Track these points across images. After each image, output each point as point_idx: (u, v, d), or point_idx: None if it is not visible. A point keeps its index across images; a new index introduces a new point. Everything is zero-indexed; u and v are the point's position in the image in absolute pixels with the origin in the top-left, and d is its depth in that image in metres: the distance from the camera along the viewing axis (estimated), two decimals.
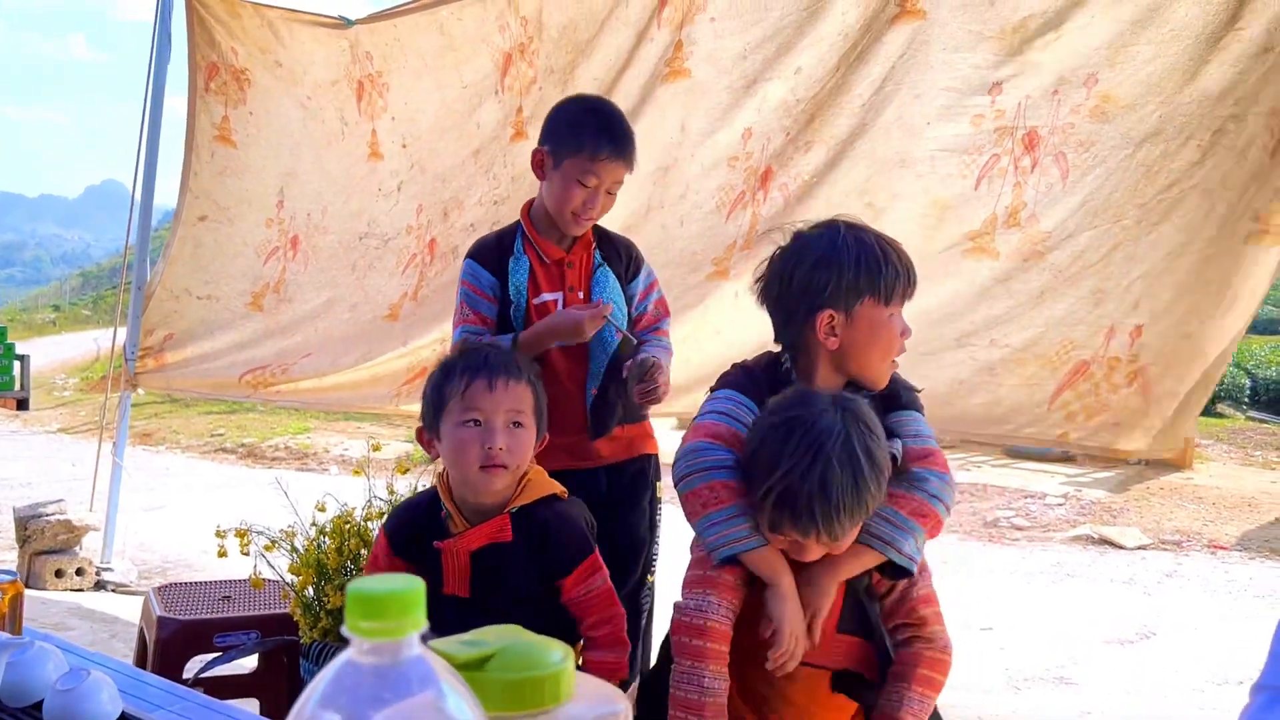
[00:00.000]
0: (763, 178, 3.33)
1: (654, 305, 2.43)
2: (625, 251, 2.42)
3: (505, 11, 3.66)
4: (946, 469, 1.70)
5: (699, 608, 1.63)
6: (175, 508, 7.12)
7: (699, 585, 1.66)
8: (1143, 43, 2.79)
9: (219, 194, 4.44)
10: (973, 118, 3.04)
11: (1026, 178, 2.99)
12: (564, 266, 2.32)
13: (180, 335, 4.57)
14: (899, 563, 1.63)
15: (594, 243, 2.37)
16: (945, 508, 1.68)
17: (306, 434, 10.98)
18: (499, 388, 1.69)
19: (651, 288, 2.44)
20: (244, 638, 2.65)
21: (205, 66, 4.35)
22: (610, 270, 2.34)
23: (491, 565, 1.75)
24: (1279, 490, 8.12)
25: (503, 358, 1.75)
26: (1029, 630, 4.75)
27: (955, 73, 3.02)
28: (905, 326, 1.77)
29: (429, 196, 4.03)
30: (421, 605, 0.59)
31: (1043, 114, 2.95)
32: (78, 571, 4.73)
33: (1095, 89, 2.88)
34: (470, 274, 2.34)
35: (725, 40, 3.28)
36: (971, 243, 3.09)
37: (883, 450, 1.58)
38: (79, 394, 14.93)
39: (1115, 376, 2.98)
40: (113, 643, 3.81)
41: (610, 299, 2.28)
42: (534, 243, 2.32)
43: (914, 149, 3.12)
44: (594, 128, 2.25)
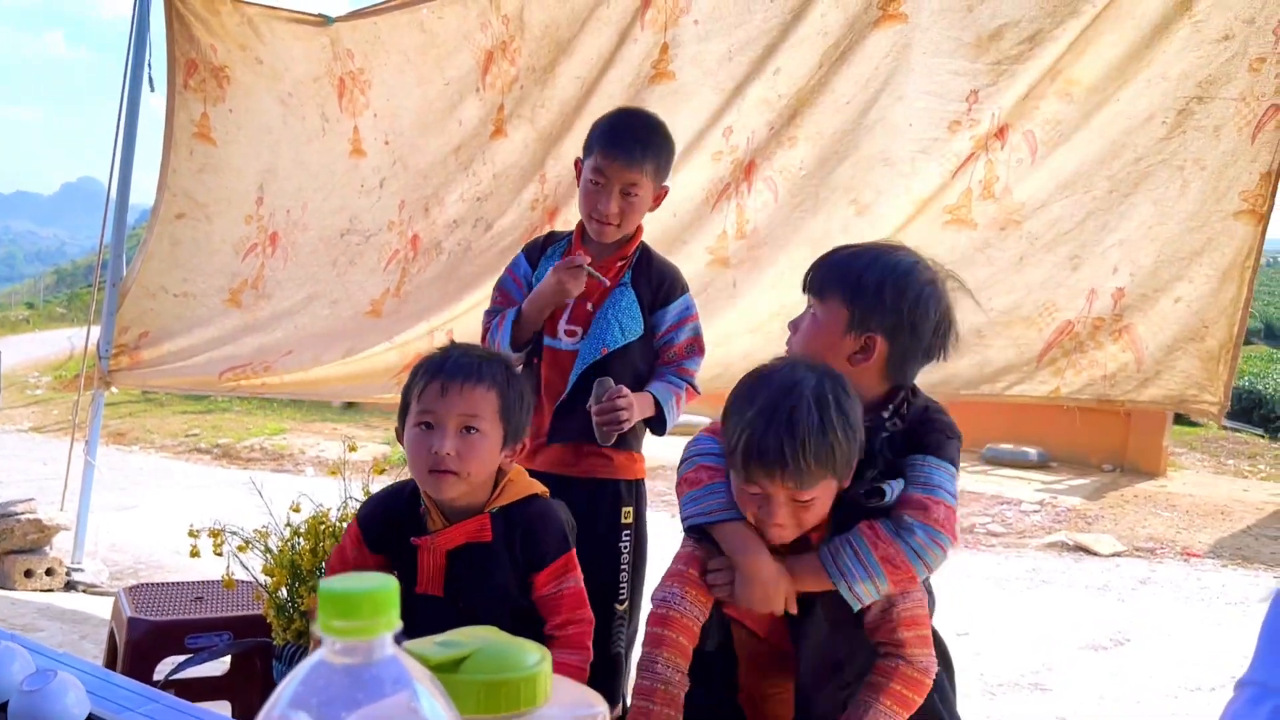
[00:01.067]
0: (746, 170, 3.37)
1: (685, 340, 2.36)
2: (660, 278, 2.38)
3: (486, 10, 3.66)
4: (944, 528, 1.61)
5: (665, 599, 1.65)
6: (148, 508, 7.04)
7: (672, 578, 1.67)
8: (1105, 32, 2.95)
9: (197, 191, 4.40)
10: (950, 124, 3.13)
11: (997, 155, 3.15)
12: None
13: (156, 332, 4.52)
14: (845, 598, 1.60)
15: (629, 261, 2.36)
16: (923, 565, 1.60)
17: (282, 435, 10.90)
18: (451, 392, 1.65)
19: (685, 321, 2.37)
20: (216, 639, 2.61)
21: (184, 63, 4.31)
22: (632, 291, 2.33)
23: (469, 566, 1.72)
24: (1251, 498, 8.21)
25: (465, 360, 1.69)
26: (1004, 636, 4.77)
27: (936, 77, 3.10)
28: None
29: (411, 193, 4.02)
30: (395, 605, 0.58)
31: (1014, 114, 3.12)
32: (48, 572, 4.67)
33: (1060, 77, 3.05)
34: (514, 262, 2.47)
35: (709, 43, 3.30)
36: (949, 215, 3.23)
37: (856, 410, 1.56)
38: (52, 392, 14.76)
39: (1100, 335, 3.18)
40: (83, 644, 3.76)
41: (617, 320, 2.29)
42: (571, 247, 2.38)
43: (897, 149, 3.21)
44: (605, 129, 2.32)
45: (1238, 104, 2.85)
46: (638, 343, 2.32)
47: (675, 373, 2.34)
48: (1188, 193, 2.99)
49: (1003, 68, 3.02)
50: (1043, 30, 2.96)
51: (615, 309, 2.31)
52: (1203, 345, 3.08)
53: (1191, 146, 2.95)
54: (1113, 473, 9.17)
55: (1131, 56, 2.94)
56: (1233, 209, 2.95)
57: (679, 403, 2.33)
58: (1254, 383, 12.95)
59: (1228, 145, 2.91)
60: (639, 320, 2.31)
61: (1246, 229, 2.95)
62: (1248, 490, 8.60)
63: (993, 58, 3.02)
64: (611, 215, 2.28)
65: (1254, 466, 9.67)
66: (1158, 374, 3.13)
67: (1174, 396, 3.16)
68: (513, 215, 3.78)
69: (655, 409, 2.29)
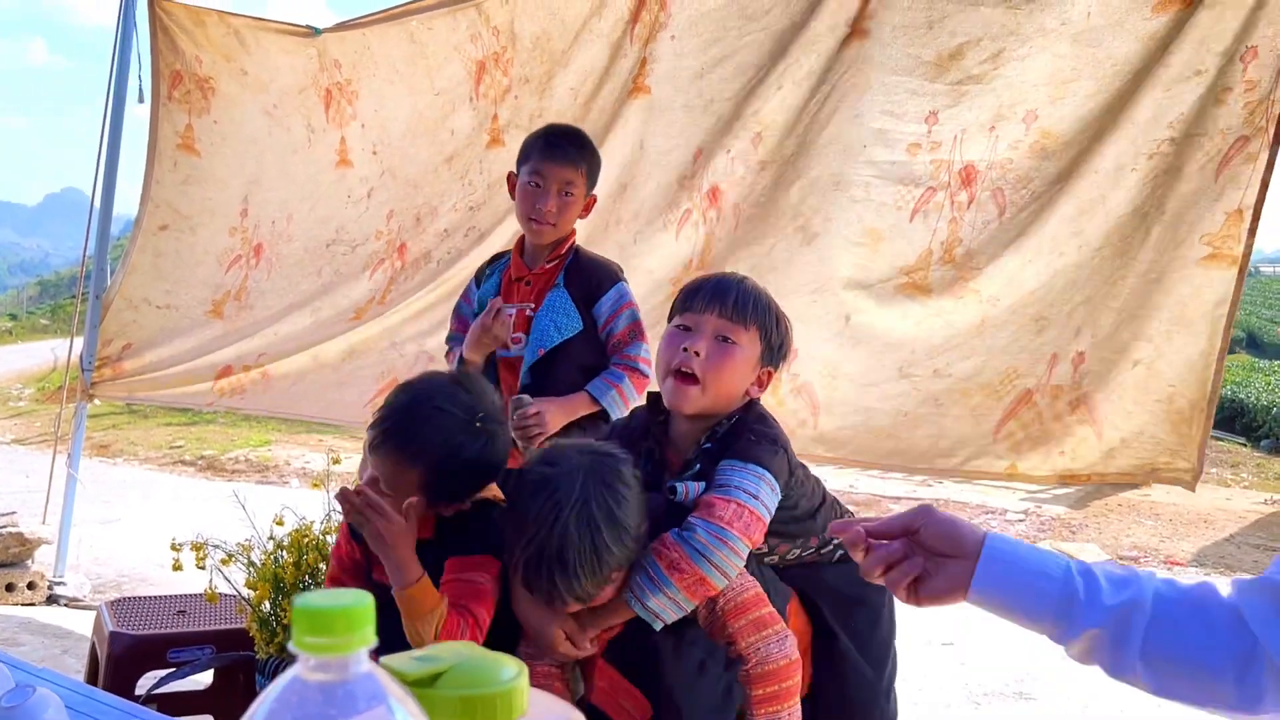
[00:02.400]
0: (710, 196, 3.33)
1: (625, 328, 2.48)
2: (591, 272, 2.51)
3: (476, 21, 3.67)
4: (729, 525, 1.59)
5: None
6: (131, 521, 7.00)
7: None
8: (1084, 78, 2.81)
9: (181, 203, 4.39)
10: (909, 145, 3.03)
11: (963, 214, 2.99)
12: (521, 284, 2.51)
13: (139, 344, 4.51)
14: (643, 617, 1.59)
15: (560, 262, 2.50)
16: (710, 565, 1.57)
17: (267, 446, 10.85)
18: (369, 452, 1.67)
19: (622, 309, 2.49)
20: (198, 653, 2.60)
21: (169, 75, 4.31)
22: (566, 291, 2.47)
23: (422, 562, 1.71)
24: (1233, 507, 8.26)
25: (380, 425, 1.66)
26: (988, 646, 4.77)
27: (894, 96, 3.02)
28: (698, 339, 1.71)
29: (400, 202, 4.02)
30: (370, 621, 0.58)
31: (980, 148, 2.94)
32: (29, 585, 4.63)
33: (1035, 125, 2.88)
34: (466, 289, 2.69)
35: (685, 59, 3.30)
36: (906, 278, 3.09)
37: (630, 509, 1.52)
38: (34, 404, 14.66)
39: (1058, 404, 2.98)
40: (64, 658, 3.74)
41: (552, 321, 2.43)
42: (510, 261, 2.56)
43: (850, 172, 3.10)
44: (538, 137, 2.52)
45: (1204, 140, 2.68)
46: (578, 338, 2.44)
47: (618, 361, 2.47)
48: (1147, 242, 2.80)
49: (964, 88, 2.92)
50: (1006, 49, 2.85)
51: (550, 311, 2.45)
52: (1171, 407, 2.84)
53: (1158, 192, 2.76)
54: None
55: (1109, 106, 2.79)
56: (1196, 256, 2.73)
57: (621, 392, 2.44)
58: (1236, 392, 13.03)
59: (1189, 186, 2.72)
60: (575, 317, 2.45)
61: (1215, 275, 2.72)
62: (1230, 499, 8.65)
63: (953, 77, 2.92)
64: (550, 214, 2.44)
65: (1236, 475, 9.73)
66: (1123, 443, 2.91)
67: (1144, 466, 2.91)
68: (506, 224, 3.78)
69: (592, 403, 2.41)
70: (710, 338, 1.71)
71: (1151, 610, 1.05)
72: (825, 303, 3.10)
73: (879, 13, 2.99)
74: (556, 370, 2.44)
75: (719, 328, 1.72)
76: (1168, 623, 1.04)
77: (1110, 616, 1.04)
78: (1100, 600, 1.05)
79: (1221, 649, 1.02)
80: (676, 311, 1.79)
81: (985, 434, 3.03)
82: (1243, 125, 2.65)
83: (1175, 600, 1.05)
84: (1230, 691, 1.02)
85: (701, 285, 1.77)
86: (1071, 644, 1.08)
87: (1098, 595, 1.05)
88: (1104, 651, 1.06)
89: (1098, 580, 1.06)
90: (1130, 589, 1.06)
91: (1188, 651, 1.03)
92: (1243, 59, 2.63)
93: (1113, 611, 1.04)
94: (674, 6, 3.29)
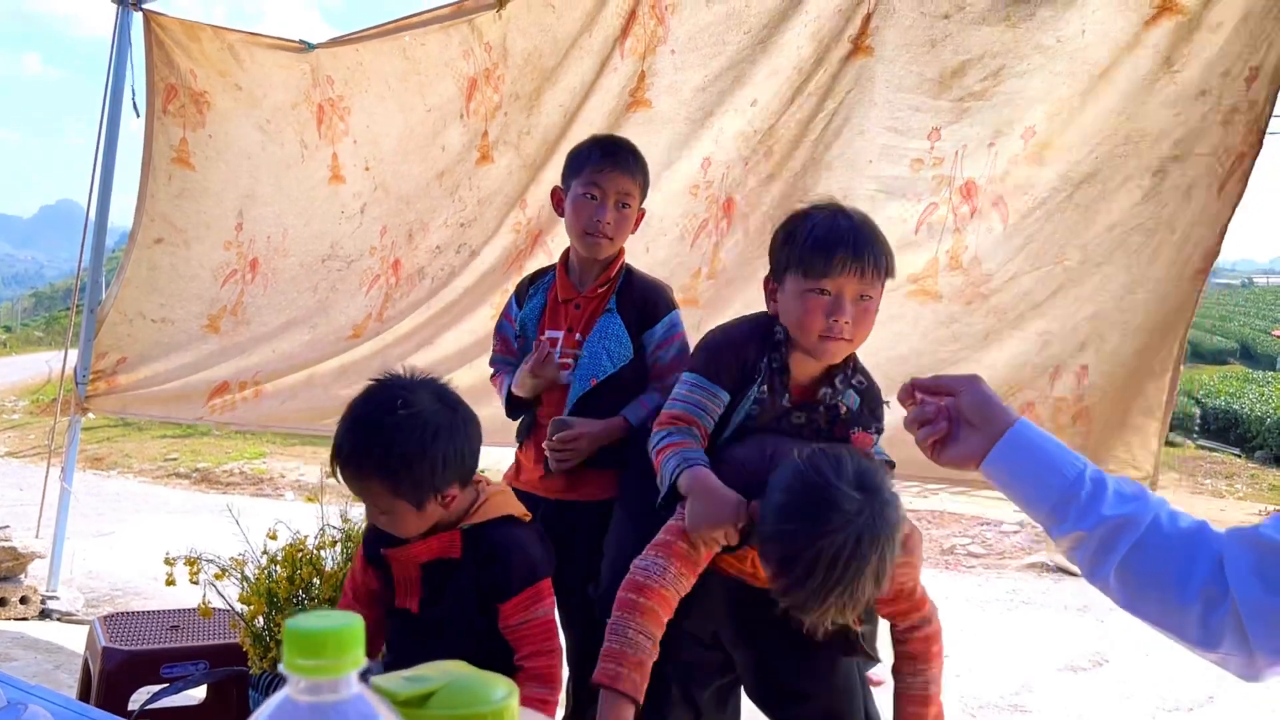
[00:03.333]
0: (725, 207, 3.35)
1: (672, 359, 2.37)
2: (644, 298, 2.40)
3: (469, 37, 3.68)
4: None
5: (646, 567, 1.72)
6: (125, 534, 6.98)
7: (656, 548, 1.74)
8: (1079, 92, 2.83)
9: (176, 217, 4.40)
10: (911, 161, 3.04)
11: (966, 224, 3.00)
12: (570, 306, 2.39)
13: (134, 358, 4.50)
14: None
15: (613, 285, 2.39)
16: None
17: (262, 459, 10.83)
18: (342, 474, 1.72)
19: (672, 340, 2.39)
20: (192, 668, 2.60)
21: (164, 89, 4.32)
22: (618, 315, 2.36)
23: (439, 581, 1.74)
24: (1228, 518, 8.27)
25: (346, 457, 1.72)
26: (984, 657, 4.78)
27: (897, 113, 3.04)
28: (845, 308, 1.77)
29: (393, 218, 4.02)
30: (361, 643, 0.58)
31: (980, 165, 2.96)
32: (22, 600, 4.61)
33: (1033, 140, 2.90)
34: (507, 306, 2.56)
35: (685, 73, 3.31)
36: (914, 285, 3.08)
37: (893, 554, 1.55)
38: (28, 416, 14.63)
39: (1060, 418, 3.00)
40: (57, 674, 3.72)
41: (604, 345, 2.33)
42: (557, 281, 2.43)
43: (857, 186, 3.11)
44: (592, 148, 2.39)
45: (1209, 159, 2.71)
46: (628, 366, 2.34)
47: (656, 388, 2.37)
48: (1157, 260, 2.82)
49: (965, 105, 2.95)
50: (1006, 66, 2.88)
51: (602, 337, 2.33)
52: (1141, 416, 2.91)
53: (1165, 210, 2.79)
54: None
55: (1107, 115, 2.81)
56: (1191, 271, 2.79)
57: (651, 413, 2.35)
58: (1230, 403, 13.07)
59: (1198, 204, 2.75)
60: (627, 345, 2.34)
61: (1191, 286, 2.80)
62: (1224, 510, 8.68)
63: (955, 94, 2.95)
64: (608, 226, 2.32)
65: (1231, 486, 9.76)
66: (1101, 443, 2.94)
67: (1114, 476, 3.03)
68: (497, 241, 3.77)
69: (628, 427, 2.31)
70: (852, 302, 1.77)
71: (1143, 532, 1.09)
72: None
73: (881, 30, 3.01)
74: (603, 398, 2.32)
75: (859, 290, 1.78)
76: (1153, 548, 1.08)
77: (1102, 525, 1.09)
78: (1098, 508, 1.10)
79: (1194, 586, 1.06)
80: (805, 263, 1.78)
81: None
82: (1240, 143, 2.69)
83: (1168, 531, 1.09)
84: (1192, 626, 1.07)
85: (835, 243, 1.77)
86: (1060, 539, 1.14)
87: (1099, 503, 1.10)
88: (1085, 554, 1.12)
89: (1106, 490, 1.11)
90: (1132, 505, 1.10)
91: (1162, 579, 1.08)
92: (1247, 80, 2.65)
93: (1106, 521, 1.09)
94: (672, 21, 3.31)
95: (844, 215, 1.83)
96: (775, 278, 1.87)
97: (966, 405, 1.19)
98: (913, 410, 1.23)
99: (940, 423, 1.20)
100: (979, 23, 2.91)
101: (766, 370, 1.85)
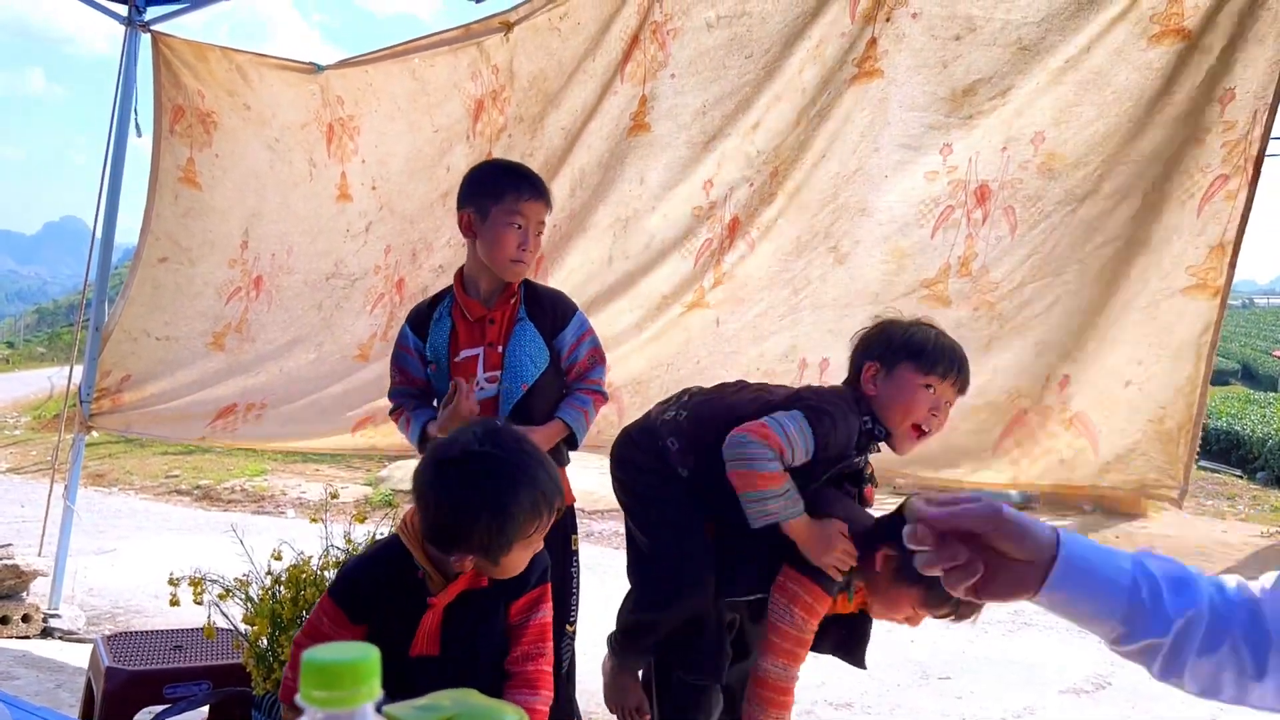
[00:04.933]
0: (730, 226, 3.39)
1: (586, 355, 2.54)
2: (552, 305, 2.53)
3: (477, 60, 3.71)
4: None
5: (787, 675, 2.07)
6: (127, 551, 6.97)
7: (784, 656, 2.07)
8: (1086, 104, 2.92)
9: (181, 235, 4.42)
10: (926, 174, 3.14)
11: (978, 229, 3.10)
12: (485, 323, 2.47)
13: (138, 376, 4.51)
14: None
15: (518, 296, 2.50)
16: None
17: (263, 476, 10.83)
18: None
19: (583, 338, 2.54)
20: (195, 689, 2.60)
21: (170, 109, 4.35)
22: (531, 324, 2.48)
23: (464, 616, 1.72)
24: (1229, 540, 8.26)
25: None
26: (986, 680, 4.76)
27: (910, 131, 3.13)
28: (940, 408, 2.11)
29: (397, 238, 4.04)
30: (377, 675, 0.59)
31: (992, 168, 3.07)
32: (24, 618, 4.61)
33: (1042, 146, 3.00)
34: (401, 337, 2.61)
35: (685, 96, 3.35)
36: (927, 290, 3.18)
37: None
38: (30, 433, 14.63)
39: (1051, 424, 3.11)
40: (59, 693, 3.72)
41: (526, 353, 2.45)
42: (460, 303, 2.51)
43: (874, 199, 3.21)
44: (509, 177, 2.49)
45: (1184, 178, 2.81)
46: (549, 369, 2.47)
47: (583, 387, 2.52)
48: (1134, 272, 2.93)
49: (975, 121, 3.03)
50: (1014, 86, 2.97)
51: (522, 345, 2.45)
52: (1161, 428, 2.98)
53: (1149, 224, 2.89)
54: (1093, 513, 9.22)
55: (1110, 133, 2.90)
56: (1180, 285, 2.87)
57: (588, 417, 2.51)
58: (1232, 424, 13.06)
59: (1173, 219, 2.85)
60: (544, 349, 2.48)
61: (1200, 305, 2.85)
62: (1226, 531, 8.66)
63: (966, 112, 3.04)
64: (532, 254, 2.46)
65: (1232, 507, 9.74)
66: (1117, 459, 3.04)
67: (1134, 481, 3.06)
68: None
69: (566, 429, 2.45)
70: (945, 408, 2.13)
71: (1208, 621, 1.06)
72: (854, 315, 3.20)
73: (891, 54, 3.09)
74: (531, 402, 2.44)
75: (952, 399, 2.14)
76: (1216, 633, 1.06)
77: (1173, 629, 1.06)
78: (1164, 611, 1.06)
79: (1250, 650, 1.05)
80: (920, 365, 2.11)
81: (986, 448, 3.16)
82: (1221, 164, 2.75)
83: (1225, 611, 1.07)
84: (1268, 691, 1.05)
85: (953, 358, 2.14)
86: (1126, 649, 1.09)
87: (1161, 604, 1.06)
88: (1156, 658, 1.08)
89: (1160, 586, 1.07)
90: (1188, 595, 1.08)
91: (1227, 659, 1.06)
92: (1220, 100, 2.72)
93: (1175, 624, 1.06)
94: (673, 46, 3.35)
95: (946, 335, 2.21)
96: (883, 363, 2.14)
97: (1000, 539, 1.08)
98: (932, 555, 1.09)
99: (975, 563, 1.08)
100: (990, 44, 3.00)
101: (862, 448, 2.18)
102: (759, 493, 2.00)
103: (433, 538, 1.66)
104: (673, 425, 2.27)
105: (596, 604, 2.82)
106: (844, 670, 4.79)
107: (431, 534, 1.66)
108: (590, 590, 2.63)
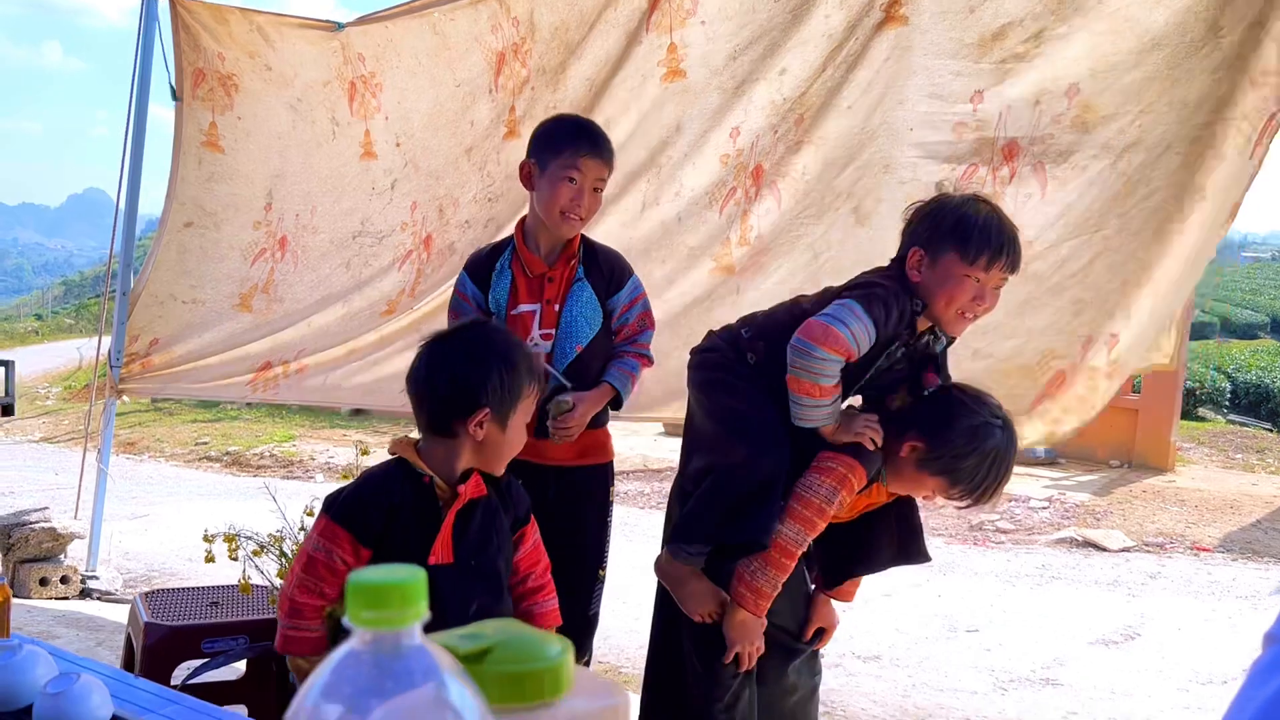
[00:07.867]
0: (754, 174, 3.36)
1: (637, 318, 2.55)
2: (609, 265, 2.54)
3: (497, 12, 3.67)
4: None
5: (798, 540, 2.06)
6: (159, 516, 7.07)
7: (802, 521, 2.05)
8: (1123, 52, 2.83)
9: (206, 200, 4.43)
10: (955, 125, 3.06)
11: (1005, 188, 3.02)
12: (544, 280, 2.48)
13: (166, 339, 4.55)
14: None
15: (578, 256, 2.50)
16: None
17: (291, 442, 10.93)
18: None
19: (636, 301, 2.55)
20: (232, 643, 2.63)
21: (191, 73, 4.34)
22: (589, 284, 2.48)
23: (472, 524, 1.80)
24: (1260, 492, 8.19)
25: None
26: (1015, 632, 4.77)
27: (937, 79, 3.05)
28: (987, 296, 2.03)
29: (423, 194, 4.04)
30: (424, 595, 0.59)
31: (1023, 124, 2.98)
32: (62, 579, 4.69)
33: (1076, 99, 2.91)
34: (460, 284, 2.58)
35: (717, 43, 3.30)
36: None
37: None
38: (61, 403, 14.83)
39: (1095, 380, 3.09)
40: (99, 650, 3.79)
41: (582, 314, 2.46)
42: (520, 256, 2.50)
43: (898, 154, 3.15)
44: (573, 132, 2.47)
45: (1238, 123, 2.72)
46: (601, 330, 2.49)
47: (631, 350, 2.53)
48: (1190, 224, 2.86)
49: (1007, 66, 2.94)
50: (1046, 28, 2.87)
51: (578, 305, 2.47)
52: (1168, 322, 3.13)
53: (1203, 175, 2.81)
54: (1121, 468, 9.16)
55: (1151, 80, 2.80)
56: (1219, 233, 2.91)
57: (634, 380, 2.53)
58: (1261, 377, 12.90)
59: (1231, 169, 2.77)
60: (599, 310, 2.49)
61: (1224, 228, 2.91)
62: (1256, 484, 8.59)
63: (996, 57, 2.95)
64: (586, 210, 2.44)
65: (1262, 460, 9.65)
66: (1128, 350, 3.12)
67: (1138, 367, 3.28)
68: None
69: (613, 392, 2.48)
70: (993, 293, 2.06)
71: None
72: None
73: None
74: (583, 362, 2.46)
75: (1001, 283, 2.06)
76: None
77: None
78: None
79: None
80: (969, 254, 2.00)
81: (1021, 412, 3.12)
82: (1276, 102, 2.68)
83: None
84: None
85: (1000, 242, 2.00)
86: None
87: None
88: None
89: None
90: None
91: None
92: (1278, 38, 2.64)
93: None
94: None
95: (998, 214, 2.06)
96: (928, 250, 2.04)
97: None
98: None
99: None
100: None
101: (903, 338, 2.11)
102: (815, 401, 2.01)
103: (444, 414, 1.76)
104: (749, 318, 2.27)
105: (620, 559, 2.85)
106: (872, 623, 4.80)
107: (442, 410, 1.76)
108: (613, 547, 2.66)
